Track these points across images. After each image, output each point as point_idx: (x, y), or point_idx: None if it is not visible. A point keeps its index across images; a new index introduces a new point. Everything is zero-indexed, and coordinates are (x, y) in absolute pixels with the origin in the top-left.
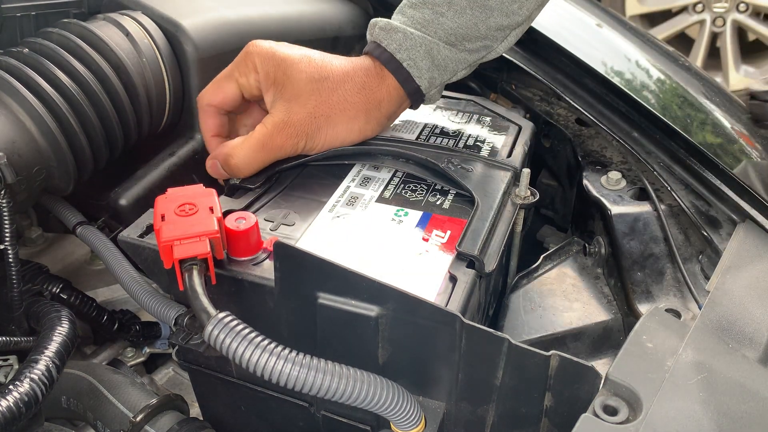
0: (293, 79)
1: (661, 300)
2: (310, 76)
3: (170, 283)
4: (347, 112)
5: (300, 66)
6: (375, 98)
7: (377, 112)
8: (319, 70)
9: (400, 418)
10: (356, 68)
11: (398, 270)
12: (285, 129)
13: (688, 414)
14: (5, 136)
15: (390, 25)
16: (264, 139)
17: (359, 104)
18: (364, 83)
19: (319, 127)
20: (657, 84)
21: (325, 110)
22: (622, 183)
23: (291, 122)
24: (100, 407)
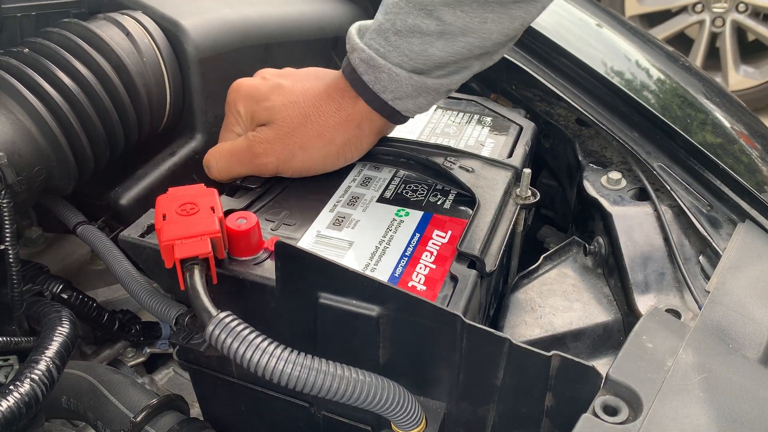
0: (268, 110)
1: (661, 300)
2: (281, 104)
3: (171, 283)
4: (323, 137)
5: (272, 97)
6: (353, 119)
7: (356, 131)
8: (289, 97)
9: (400, 418)
10: (330, 89)
11: (399, 270)
12: (259, 146)
13: (688, 414)
14: (5, 136)
15: (373, 60)
16: (238, 150)
17: (335, 126)
18: (339, 105)
19: (294, 154)
20: (657, 84)
21: (299, 138)
22: (622, 183)
23: (265, 142)
24: (101, 407)
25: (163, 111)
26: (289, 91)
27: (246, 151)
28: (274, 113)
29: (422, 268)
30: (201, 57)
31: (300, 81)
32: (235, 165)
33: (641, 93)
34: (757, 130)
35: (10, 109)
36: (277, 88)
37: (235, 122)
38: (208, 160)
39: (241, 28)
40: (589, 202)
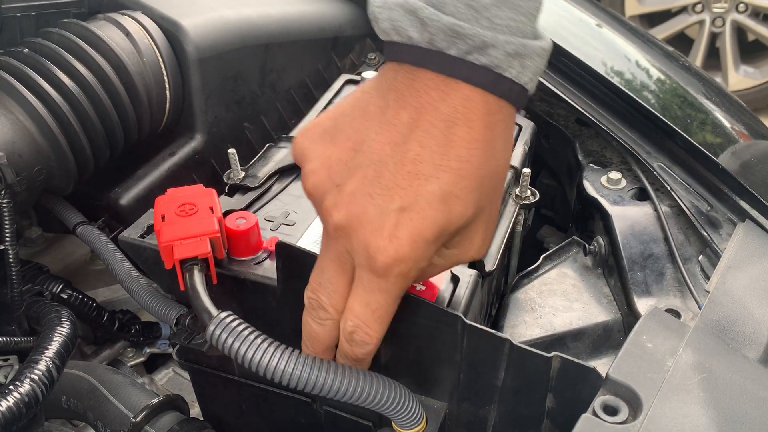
0: (459, 228)
1: (661, 300)
2: (476, 195)
3: (171, 283)
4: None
5: (457, 206)
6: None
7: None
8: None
9: (401, 417)
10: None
11: None
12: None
13: (688, 414)
14: (5, 136)
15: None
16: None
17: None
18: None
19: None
20: (657, 84)
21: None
22: (622, 183)
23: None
24: (101, 407)
25: (162, 111)
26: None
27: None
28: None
29: None
30: (201, 57)
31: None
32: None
33: (641, 93)
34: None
35: (10, 109)
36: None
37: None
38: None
39: (241, 28)
40: (589, 202)
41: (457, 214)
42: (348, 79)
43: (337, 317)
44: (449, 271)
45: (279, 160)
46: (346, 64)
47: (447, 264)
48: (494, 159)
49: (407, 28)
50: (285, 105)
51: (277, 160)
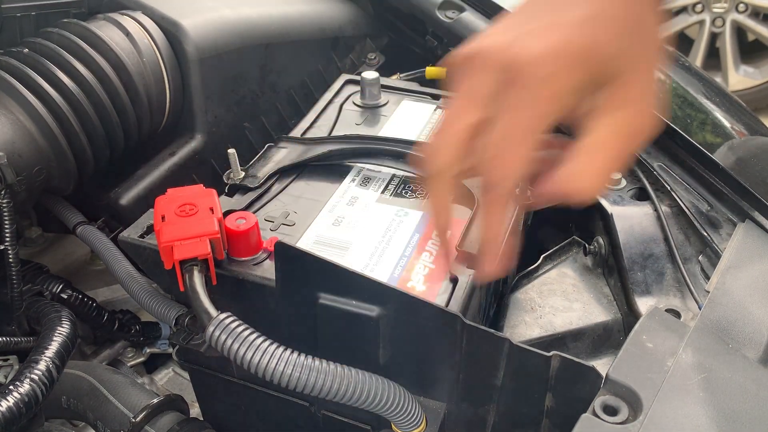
0: (611, 58)
1: (661, 300)
2: (621, 32)
3: (171, 284)
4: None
5: (603, 35)
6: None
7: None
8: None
9: (401, 418)
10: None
11: (398, 270)
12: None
13: (688, 414)
14: (5, 136)
15: None
16: (622, 146)
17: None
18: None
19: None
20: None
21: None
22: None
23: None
24: (101, 407)
25: (162, 111)
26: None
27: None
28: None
29: (422, 268)
30: (201, 57)
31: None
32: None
33: None
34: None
35: (10, 109)
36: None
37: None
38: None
39: (241, 28)
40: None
41: (601, 43)
42: (348, 79)
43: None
44: (449, 271)
45: (279, 160)
46: (346, 64)
47: (609, 122)
48: (641, 14)
49: None
50: (285, 105)
51: (277, 160)
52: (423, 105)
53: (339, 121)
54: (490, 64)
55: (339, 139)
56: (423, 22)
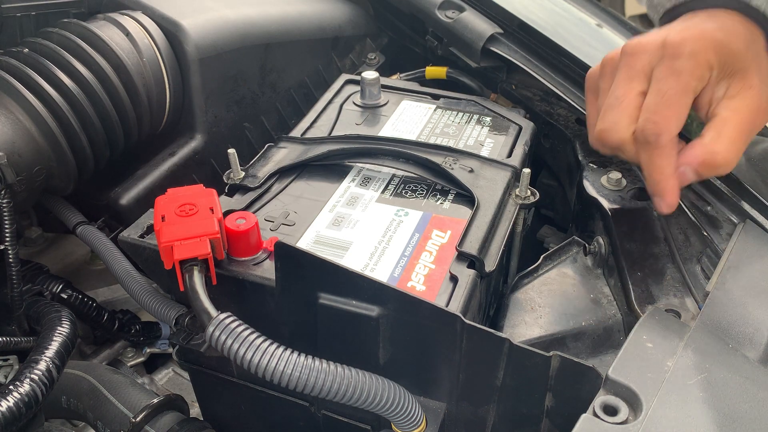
0: (737, 53)
1: (661, 300)
2: (743, 40)
3: (171, 284)
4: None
5: (730, 37)
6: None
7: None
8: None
9: (400, 418)
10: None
11: (398, 270)
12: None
13: (688, 414)
14: (5, 136)
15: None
16: (748, 121)
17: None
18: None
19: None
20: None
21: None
22: (622, 183)
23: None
24: (101, 407)
25: (162, 111)
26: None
27: (758, 114)
28: (744, 58)
29: (422, 268)
30: (201, 57)
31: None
32: (746, 138)
33: None
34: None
35: (10, 109)
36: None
37: (700, 80)
38: (708, 156)
39: (241, 28)
40: (589, 201)
41: (730, 41)
42: (348, 79)
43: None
44: (449, 271)
45: (279, 160)
46: (346, 64)
47: (736, 105)
48: (754, 34)
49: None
50: (285, 105)
51: (277, 160)
52: (423, 105)
53: (339, 121)
54: (649, 48)
55: (339, 139)
56: (423, 22)
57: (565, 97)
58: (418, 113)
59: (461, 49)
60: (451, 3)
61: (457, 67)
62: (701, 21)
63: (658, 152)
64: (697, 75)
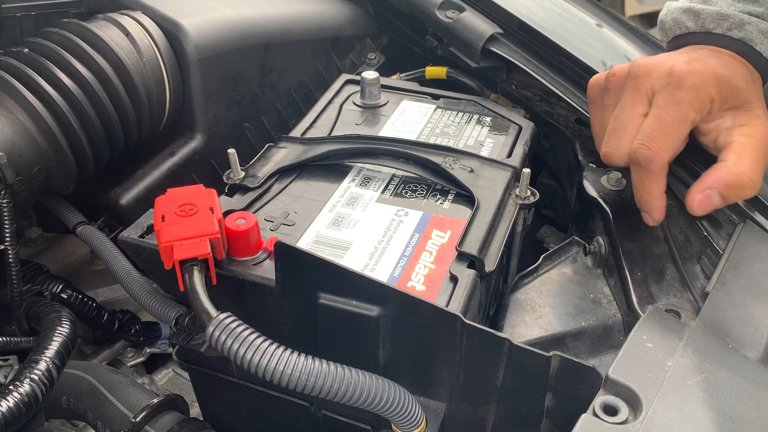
0: (738, 89)
1: (661, 300)
2: (743, 78)
3: (171, 284)
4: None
5: (732, 74)
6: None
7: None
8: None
9: (401, 418)
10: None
11: (398, 270)
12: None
13: (688, 414)
14: (5, 136)
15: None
16: (763, 146)
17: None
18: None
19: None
20: None
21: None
22: (622, 183)
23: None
24: (101, 407)
25: (162, 111)
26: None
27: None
28: (744, 90)
29: (422, 268)
30: (201, 57)
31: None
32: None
33: None
34: None
35: (10, 109)
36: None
37: (699, 111)
38: (733, 179)
39: (241, 28)
40: (589, 201)
41: (732, 77)
42: (348, 79)
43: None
44: (449, 271)
45: (279, 160)
46: (346, 64)
47: (747, 132)
48: (753, 74)
49: (685, 21)
50: (285, 105)
51: (276, 160)
52: (423, 105)
53: (339, 120)
54: (655, 73)
55: (339, 139)
56: (423, 22)
57: (565, 97)
58: (418, 113)
59: (461, 49)
60: (451, 3)
61: (457, 67)
62: (707, 55)
63: (649, 176)
64: (696, 107)
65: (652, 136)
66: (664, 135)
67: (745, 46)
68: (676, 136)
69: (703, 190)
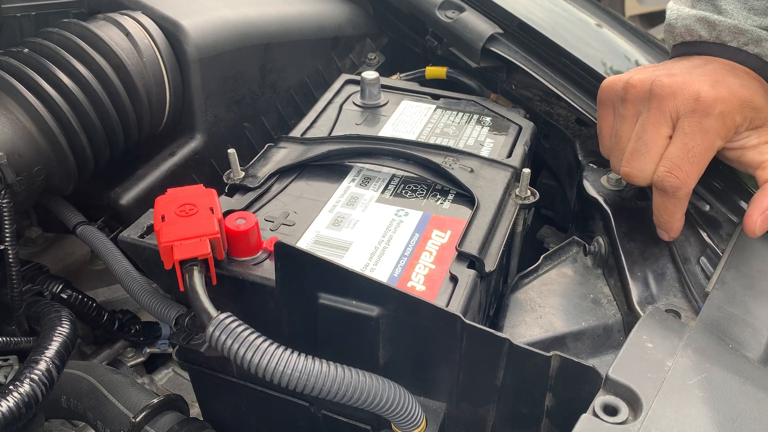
0: (760, 109)
1: (661, 300)
2: (763, 97)
3: (171, 284)
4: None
5: (753, 95)
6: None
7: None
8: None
9: (401, 418)
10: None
11: (398, 270)
12: None
13: (688, 414)
14: (5, 136)
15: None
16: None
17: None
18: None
19: None
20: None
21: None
22: (622, 183)
23: None
24: (101, 407)
25: (162, 111)
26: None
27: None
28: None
29: (422, 268)
30: (201, 57)
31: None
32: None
33: None
34: None
35: (10, 109)
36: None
37: (724, 138)
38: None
39: (241, 28)
40: (589, 201)
41: (755, 98)
42: (348, 79)
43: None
44: (449, 271)
45: (279, 160)
46: (346, 64)
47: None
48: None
49: (699, 30)
50: (285, 105)
51: (276, 160)
52: (423, 105)
53: (339, 121)
54: (680, 96)
55: (339, 139)
56: (423, 22)
57: (565, 97)
58: (418, 113)
59: (461, 49)
60: (451, 3)
61: (457, 67)
62: (726, 73)
63: (673, 201)
64: (722, 134)
65: (680, 165)
66: (691, 164)
67: (759, 62)
68: (703, 164)
69: (763, 211)
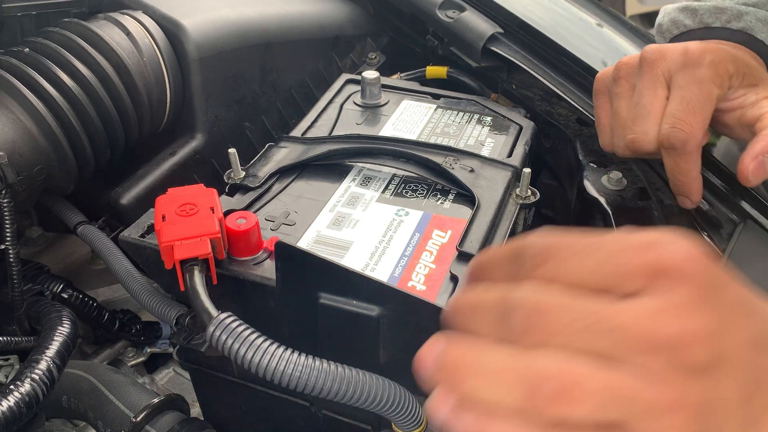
0: (754, 67)
1: None
2: (754, 59)
3: (171, 283)
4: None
5: (744, 54)
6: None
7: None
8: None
9: (401, 418)
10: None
11: (399, 270)
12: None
13: None
14: (6, 135)
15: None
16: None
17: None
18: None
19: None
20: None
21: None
22: (622, 183)
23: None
24: (101, 407)
25: (163, 110)
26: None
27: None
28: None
29: (422, 267)
30: (201, 56)
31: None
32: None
33: None
34: None
35: (10, 108)
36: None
37: (721, 86)
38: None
39: (242, 27)
40: (589, 201)
41: (746, 58)
42: (348, 78)
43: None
44: (449, 271)
45: (279, 160)
46: (346, 64)
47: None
48: (756, 59)
49: (684, 20)
50: (285, 104)
51: (277, 160)
52: (423, 104)
53: (339, 120)
54: (669, 55)
55: (339, 138)
56: (423, 22)
57: (566, 97)
58: (418, 113)
59: (462, 49)
60: (452, 3)
61: (458, 66)
62: (714, 42)
63: (685, 157)
64: (717, 82)
65: (682, 117)
66: (693, 114)
67: (745, 36)
68: (705, 113)
69: (756, 156)
